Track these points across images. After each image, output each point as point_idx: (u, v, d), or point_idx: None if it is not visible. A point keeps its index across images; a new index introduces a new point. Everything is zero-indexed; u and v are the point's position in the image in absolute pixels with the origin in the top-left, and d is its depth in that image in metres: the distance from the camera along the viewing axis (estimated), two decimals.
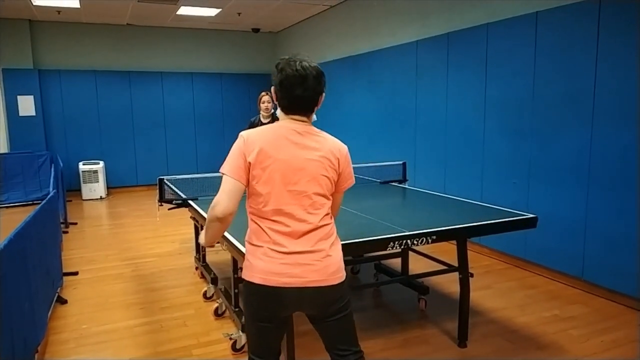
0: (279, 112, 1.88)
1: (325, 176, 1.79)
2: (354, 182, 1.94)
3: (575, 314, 3.57)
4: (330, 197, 1.85)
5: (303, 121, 1.83)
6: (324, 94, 1.86)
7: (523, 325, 3.39)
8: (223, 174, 1.74)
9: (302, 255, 1.74)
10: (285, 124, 1.81)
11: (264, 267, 1.74)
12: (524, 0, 4.36)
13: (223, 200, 1.70)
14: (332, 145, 1.83)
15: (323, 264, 1.75)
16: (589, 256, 3.90)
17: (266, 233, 1.75)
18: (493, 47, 4.67)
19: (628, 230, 3.58)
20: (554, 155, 4.13)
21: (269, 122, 5.39)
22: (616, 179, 3.64)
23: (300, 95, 1.77)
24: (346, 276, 1.85)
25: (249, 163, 1.72)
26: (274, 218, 1.75)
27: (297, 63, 1.77)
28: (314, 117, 1.90)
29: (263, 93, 5.42)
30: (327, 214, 1.83)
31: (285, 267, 1.72)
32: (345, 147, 1.88)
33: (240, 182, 1.72)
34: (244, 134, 1.78)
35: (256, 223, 1.79)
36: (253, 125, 5.37)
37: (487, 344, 3.12)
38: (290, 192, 1.75)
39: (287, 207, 1.75)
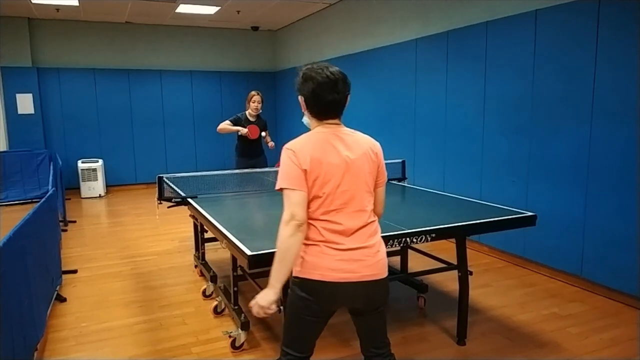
0: (306, 119, 1.97)
1: (369, 172, 1.88)
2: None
3: (574, 312, 3.57)
4: (373, 193, 1.93)
5: (337, 124, 1.91)
6: (349, 95, 1.92)
7: (522, 323, 3.39)
8: (284, 188, 1.78)
9: (356, 252, 1.82)
10: (323, 129, 1.89)
11: (320, 264, 1.80)
12: None
13: (298, 211, 1.74)
14: (368, 143, 1.92)
15: (375, 259, 1.85)
16: (587, 254, 3.91)
17: (320, 232, 1.82)
18: (492, 46, 4.67)
19: (627, 228, 3.59)
20: (553, 154, 4.13)
21: (254, 122, 5.41)
22: (615, 177, 3.65)
23: (332, 99, 1.84)
24: None
25: (305, 171, 1.78)
26: (327, 218, 1.82)
27: (324, 70, 1.85)
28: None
29: (254, 92, 5.42)
30: (372, 210, 1.92)
31: (340, 263, 1.80)
32: (378, 143, 1.97)
33: (304, 191, 1.78)
34: (289, 146, 1.83)
35: (310, 224, 1.84)
36: (239, 120, 5.37)
37: (486, 341, 3.13)
38: (342, 192, 1.82)
39: (339, 207, 1.82)
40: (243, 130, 5.25)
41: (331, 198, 1.81)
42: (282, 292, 1.79)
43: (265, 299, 1.78)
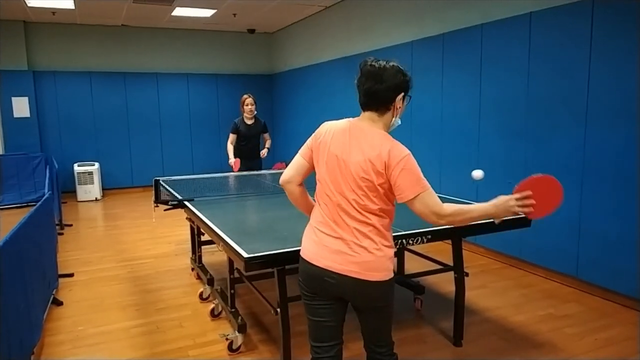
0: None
1: (366, 179, 1.78)
2: (422, 190, 1.78)
3: (569, 313, 3.59)
4: (375, 200, 1.81)
5: (370, 119, 1.86)
6: (401, 95, 1.85)
7: (518, 324, 3.41)
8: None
9: (331, 239, 1.86)
10: (356, 120, 1.90)
11: (304, 243, 1.97)
12: (518, 1, 4.38)
13: (287, 171, 2.01)
14: (381, 152, 1.76)
15: (355, 259, 1.84)
16: (583, 255, 3.93)
17: (315, 213, 1.97)
18: (488, 48, 4.69)
19: (622, 229, 3.61)
20: (549, 155, 4.15)
21: (252, 124, 5.46)
22: (610, 178, 3.67)
23: (369, 88, 1.82)
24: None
25: (312, 147, 1.95)
26: (321, 202, 1.93)
27: (374, 60, 1.85)
28: (398, 121, 1.91)
29: (246, 96, 5.47)
30: (371, 214, 1.81)
31: (314, 245, 1.92)
32: (399, 154, 1.76)
33: (304, 160, 1.97)
34: (324, 123, 1.96)
35: (317, 203, 1.97)
36: (237, 126, 5.44)
37: (482, 342, 3.14)
38: (332, 184, 1.86)
39: (329, 196, 1.88)
40: (231, 160, 5.42)
41: (325, 185, 1.89)
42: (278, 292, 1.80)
43: None
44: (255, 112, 5.50)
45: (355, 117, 1.91)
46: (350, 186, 1.82)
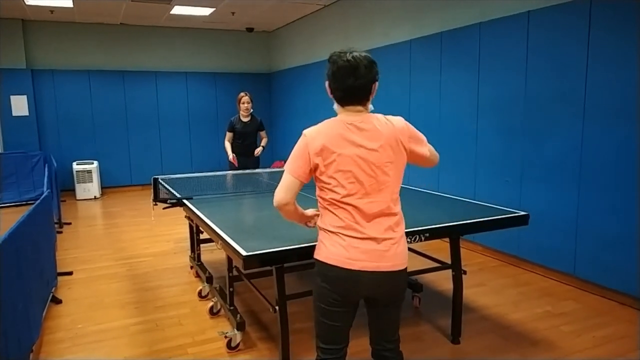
0: (335, 106, 1.95)
1: (392, 162, 1.87)
2: (424, 139, 2.03)
3: (567, 310, 3.60)
4: (399, 180, 1.94)
5: (359, 111, 1.88)
6: (376, 83, 1.91)
7: (516, 321, 3.42)
8: (285, 171, 1.91)
9: (370, 242, 1.85)
10: (343, 117, 1.88)
11: (335, 251, 1.87)
12: None
13: (280, 193, 1.90)
14: (393, 130, 1.89)
15: (393, 251, 1.89)
16: (580, 253, 3.94)
17: (337, 219, 1.87)
18: (486, 46, 4.70)
19: (619, 227, 3.62)
20: (546, 153, 4.16)
21: (248, 122, 5.51)
22: (607, 177, 3.68)
23: (352, 84, 1.82)
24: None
25: (313, 159, 1.84)
26: (343, 206, 1.86)
27: (348, 54, 1.84)
28: (371, 106, 1.95)
29: (242, 94, 5.52)
30: (395, 200, 1.92)
31: (354, 251, 1.85)
32: (400, 121, 1.94)
33: (298, 179, 1.88)
34: (306, 132, 1.89)
35: (328, 210, 1.90)
36: (233, 124, 5.50)
37: (480, 340, 3.15)
38: (357, 182, 1.83)
39: (354, 196, 1.83)
40: (230, 156, 5.53)
41: (341, 189, 1.83)
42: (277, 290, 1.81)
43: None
44: (252, 110, 5.53)
45: (340, 116, 1.89)
46: (375, 180, 1.84)
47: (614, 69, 3.57)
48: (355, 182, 1.82)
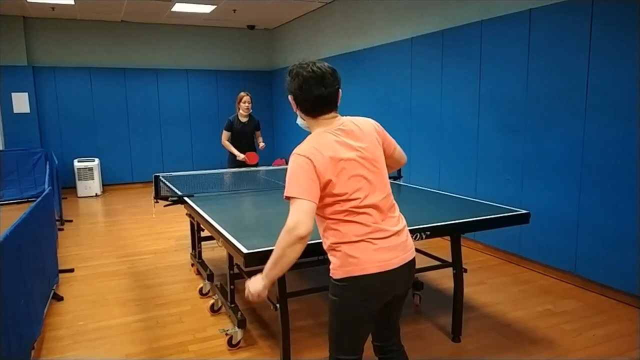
0: (300, 120, 1.93)
1: (379, 156, 1.91)
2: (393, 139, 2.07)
3: (567, 309, 3.60)
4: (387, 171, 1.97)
5: (333, 117, 1.89)
6: (340, 90, 1.91)
7: (516, 320, 3.42)
8: (294, 197, 1.69)
9: (396, 237, 1.86)
10: (324, 127, 1.85)
11: (366, 258, 1.78)
12: None
13: (305, 221, 1.66)
14: (370, 126, 1.94)
15: (409, 240, 1.94)
16: (581, 251, 3.94)
17: (356, 228, 1.80)
18: (487, 45, 4.69)
19: (620, 226, 3.62)
20: (547, 152, 4.16)
21: (247, 122, 5.51)
22: (608, 175, 3.68)
23: (320, 94, 1.81)
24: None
25: (323, 176, 1.73)
26: (358, 212, 1.80)
27: (310, 65, 1.83)
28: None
29: (243, 93, 5.51)
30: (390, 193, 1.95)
31: (384, 251, 1.82)
32: (370, 120, 1.99)
33: (314, 202, 1.71)
34: (301, 152, 1.76)
35: (341, 221, 1.80)
36: (232, 123, 5.49)
37: (480, 338, 3.15)
38: (366, 184, 1.83)
39: (367, 198, 1.81)
40: (240, 156, 5.45)
41: (354, 196, 1.78)
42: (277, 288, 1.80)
43: (255, 288, 1.78)
44: (251, 110, 5.54)
45: (319, 128, 1.85)
46: (378, 175, 1.86)
47: (615, 67, 3.56)
48: (367, 182, 1.82)
